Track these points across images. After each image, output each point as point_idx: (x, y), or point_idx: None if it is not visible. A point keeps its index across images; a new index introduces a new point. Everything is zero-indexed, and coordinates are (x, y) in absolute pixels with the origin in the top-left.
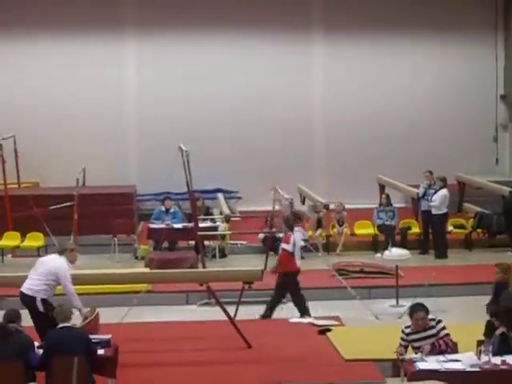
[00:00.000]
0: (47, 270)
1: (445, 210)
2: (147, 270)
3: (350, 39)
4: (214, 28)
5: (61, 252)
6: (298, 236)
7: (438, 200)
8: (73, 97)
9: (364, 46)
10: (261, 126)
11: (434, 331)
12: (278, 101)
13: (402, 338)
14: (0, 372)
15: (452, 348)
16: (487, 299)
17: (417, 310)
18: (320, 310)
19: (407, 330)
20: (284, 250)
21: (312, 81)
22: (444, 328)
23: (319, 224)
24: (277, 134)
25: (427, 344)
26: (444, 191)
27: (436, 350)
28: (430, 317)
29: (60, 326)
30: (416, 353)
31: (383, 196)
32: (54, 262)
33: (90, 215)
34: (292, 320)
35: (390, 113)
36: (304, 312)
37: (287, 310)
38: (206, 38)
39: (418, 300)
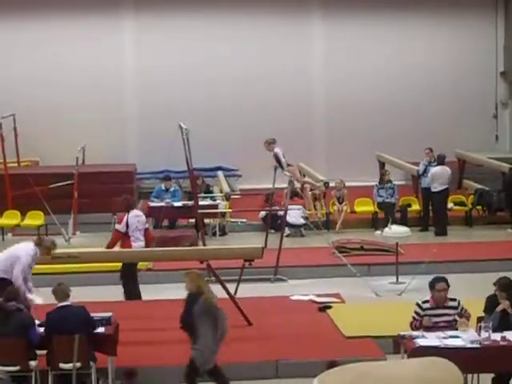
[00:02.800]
0: (11, 253)
1: (442, 187)
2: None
3: (351, 15)
4: (213, 8)
5: (37, 243)
6: (132, 217)
7: (430, 177)
8: (72, 76)
9: (363, 26)
10: (261, 104)
11: (453, 311)
12: (278, 79)
13: (418, 313)
14: (2, 350)
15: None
16: (487, 276)
17: (439, 280)
18: (320, 287)
19: (425, 305)
20: (115, 229)
21: (312, 59)
22: (463, 308)
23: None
24: (277, 111)
25: (444, 322)
26: (436, 169)
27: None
28: (449, 296)
29: (60, 304)
30: (427, 327)
31: (383, 173)
32: (23, 247)
33: (89, 194)
34: (293, 297)
35: (390, 90)
36: (128, 295)
37: (288, 288)
38: (206, 18)
39: (418, 277)
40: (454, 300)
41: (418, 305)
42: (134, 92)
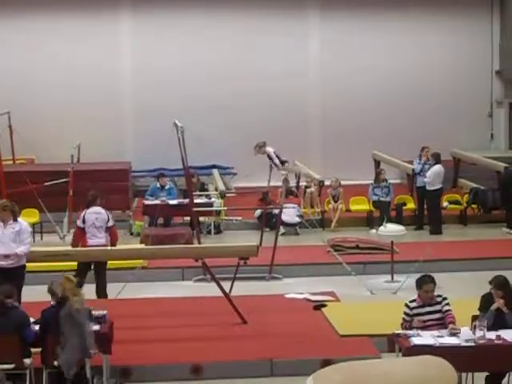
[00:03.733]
0: None
1: (439, 186)
2: (142, 246)
3: (348, 13)
4: (209, 7)
5: None
6: (90, 213)
7: (432, 176)
8: (68, 74)
9: (359, 23)
10: (256, 102)
11: (438, 307)
12: (273, 77)
13: (407, 314)
14: None
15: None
16: (482, 275)
17: (426, 281)
18: (315, 285)
19: (412, 304)
20: (76, 225)
21: (308, 57)
22: (448, 304)
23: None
24: (273, 110)
25: (432, 320)
26: (437, 167)
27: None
28: (435, 293)
29: (54, 303)
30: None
31: (378, 172)
32: None
33: (84, 191)
34: (287, 296)
35: (386, 89)
36: (104, 293)
37: (283, 286)
38: (202, 18)
39: (413, 276)
40: (440, 296)
41: (406, 305)
42: (129, 90)
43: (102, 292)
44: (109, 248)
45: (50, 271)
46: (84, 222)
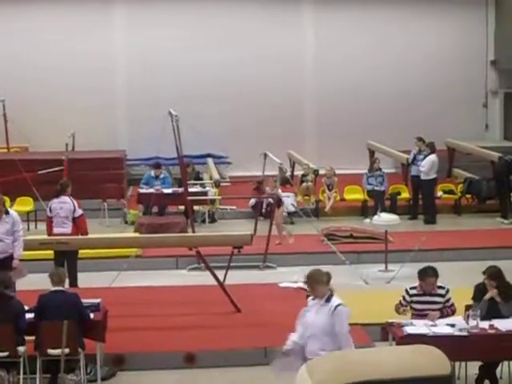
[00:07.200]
0: None
1: (434, 176)
2: (137, 234)
3: (343, 5)
4: None
5: None
6: (55, 203)
7: (427, 165)
8: (62, 61)
9: (355, 12)
10: (251, 91)
11: (441, 299)
12: (267, 66)
13: (404, 298)
14: None
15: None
16: (476, 264)
17: (429, 274)
18: None
19: (412, 291)
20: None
21: (303, 46)
22: (450, 298)
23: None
24: (267, 99)
25: (430, 310)
26: (432, 157)
27: (444, 317)
28: (438, 284)
29: (53, 289)
30: (414, 314)
31: (373, 161)
32: None
33: (79, 180)
34: (281, 284)
35: (380, 78)
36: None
37: (277, 275)
38: (196, 4)
39: (407, 265)
40: (443, 288)
41: (406, 291)
42: (124, 78)
43: (71, 280)
44: (104, 236)
45: (44, 259)
46: (51, 211)
